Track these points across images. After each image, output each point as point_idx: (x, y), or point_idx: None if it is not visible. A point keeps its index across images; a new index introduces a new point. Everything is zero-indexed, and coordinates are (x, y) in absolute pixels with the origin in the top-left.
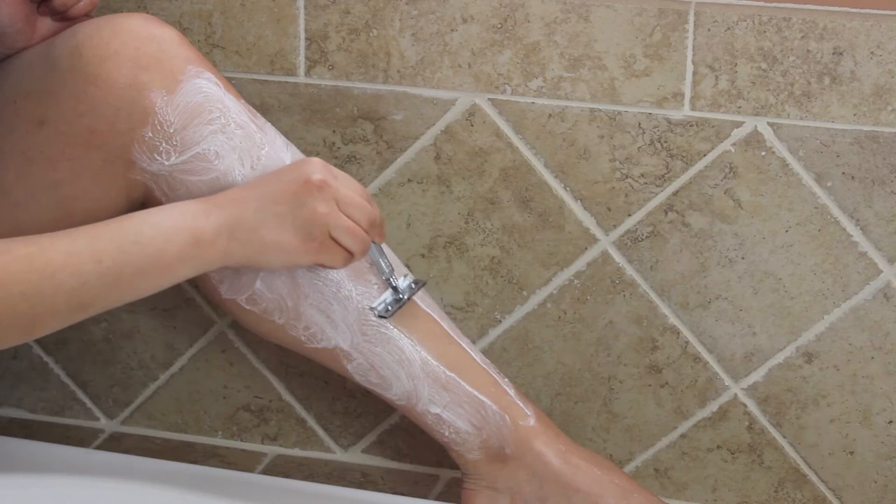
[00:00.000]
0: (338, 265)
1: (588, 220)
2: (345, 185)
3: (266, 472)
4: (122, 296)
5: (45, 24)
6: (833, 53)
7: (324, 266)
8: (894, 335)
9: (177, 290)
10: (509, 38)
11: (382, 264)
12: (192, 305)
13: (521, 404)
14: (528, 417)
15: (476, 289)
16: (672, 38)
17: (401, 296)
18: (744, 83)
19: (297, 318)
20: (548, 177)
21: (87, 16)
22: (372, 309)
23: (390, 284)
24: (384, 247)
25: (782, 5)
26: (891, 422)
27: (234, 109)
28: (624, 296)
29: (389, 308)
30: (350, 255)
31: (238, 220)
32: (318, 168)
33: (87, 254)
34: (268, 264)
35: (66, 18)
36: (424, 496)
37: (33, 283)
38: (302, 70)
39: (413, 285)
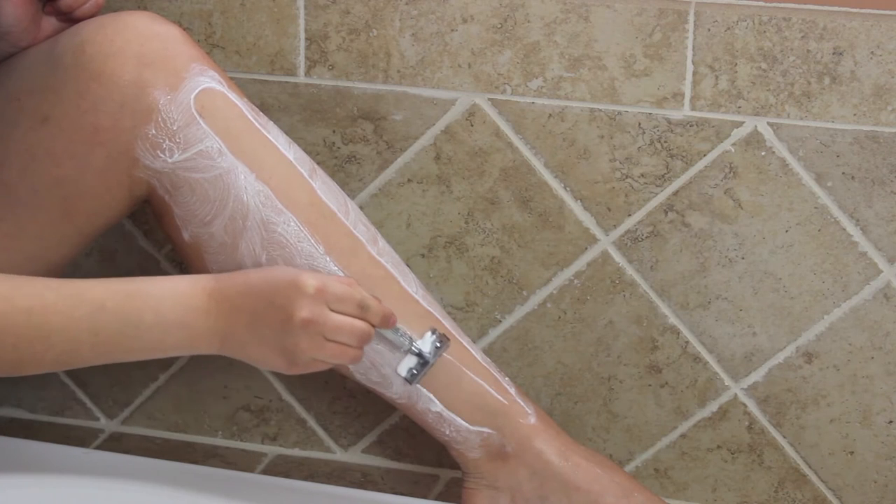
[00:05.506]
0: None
1: (588, 220)
2: (334, 306)
3: (266, 472)
4: (106, 361)
5: (50, 23)
6: (833, 53)
7: None
8: (894, 335)
9: None
10: (509, 38)
11: (397, 342)
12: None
13: (522, 403)
14: (529, 416)
15: (476, 289)
16: (672, 38)
17: (427, 359)
18: (744, 83)
19: None
20: (548, 177)
21: (92, 17)
22: (397, 374)
23: (413, 353)
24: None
25: (782, 5)
26: (891, 422)
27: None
28: (624, 296)
29: (415, 372)
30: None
31: (231, 331)
32: (306, 303)
33: (85, 324)
34: (255, 366)
35: (71, 19)
36: (424, 496)
37: (26, 339)
38: (302, 70)
39: (438, 344)
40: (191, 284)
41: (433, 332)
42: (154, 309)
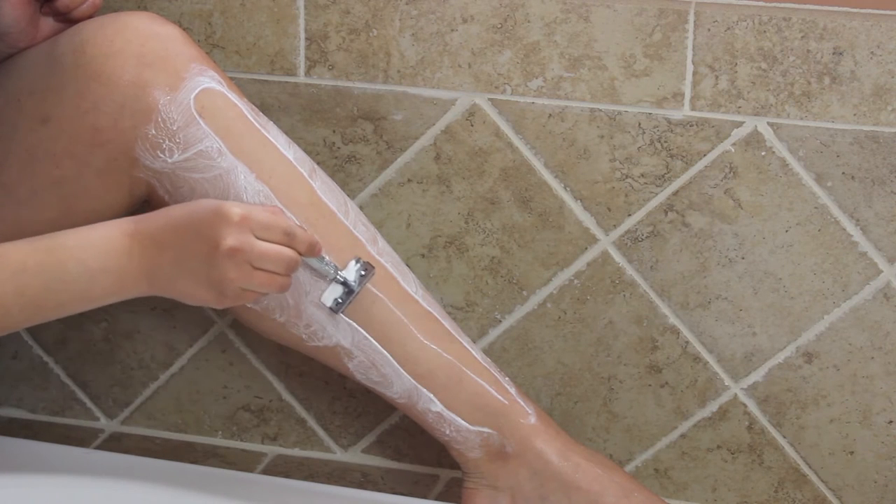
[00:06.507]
0: (256, 303)
1: (588, 220)
2: (259, 233)
3: (266, 472)
4: (40, 320)
5: (48, 24)
6: (833, 53)
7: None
8: (894, 335)
9: None
10: (509, 38)
11: (322, 270)
12: (192, 305)
13: (522, 403)
14: (529, 416)
15: (476, 289)
16: (672, 38)
17: (352, 287)
18: (744, 83)
19: (297, 315)
20: (548, 177)
21: (90, 18)
22: (322, 304)
23: (339, 282)
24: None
25: (782, 5)
26: (891, 422)
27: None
28: (624, 296)
29: (340, 301)
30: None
31: (157, 268)
32: (231, 231)
33: (10, 286)
34: (186, 303)
35: (68, 20)
36: (424, 496)
37: None
38: (302, 70)
39: (363, 273)
40: (111, 229)
41: (357, 261)
42: (76, 259)
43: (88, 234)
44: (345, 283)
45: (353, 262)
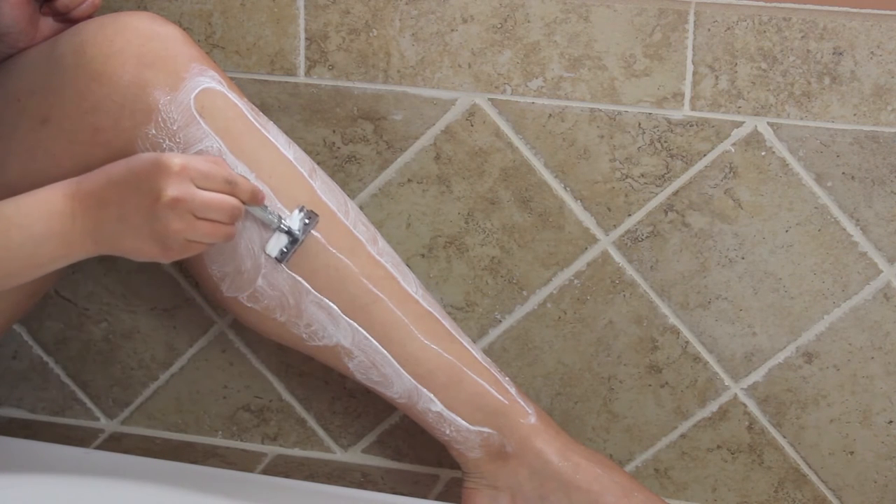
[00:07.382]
0: (201, 252)
1: (588, 220)
2: (201, 183)
3: (266, 472)
4: None
5: (48, 24)
6: (833, 53)
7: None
8: (894, 335)
9: (177, 290)
10: (509, 38)
11: (266, 219)
12: (192, 305)
13: (522, 403)
14: (529, 416)
15: (476, 289)
16: (672, 38)
17: (297, 236)
18: (744, 83)
19: (298, 315)
20: (548, 177)
21: (90, 17)
22: (266, 255)
23: (283, 231)
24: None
25: (782, 5)
26: (891, 422)
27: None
28: (624, 296)
29: (285, 250)
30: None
31: (100, 226)
32: (171, 181)
33: None
34: (134, 259)
35: (68, 20)
36: (424, 496)
37: None
38: (302, 70)
39: (307, 221)
40: (51, 192)
41: (301, 210)
42: (19, 226)
43: (30, 200)
44: (289, 232)
45: (296, 211)
